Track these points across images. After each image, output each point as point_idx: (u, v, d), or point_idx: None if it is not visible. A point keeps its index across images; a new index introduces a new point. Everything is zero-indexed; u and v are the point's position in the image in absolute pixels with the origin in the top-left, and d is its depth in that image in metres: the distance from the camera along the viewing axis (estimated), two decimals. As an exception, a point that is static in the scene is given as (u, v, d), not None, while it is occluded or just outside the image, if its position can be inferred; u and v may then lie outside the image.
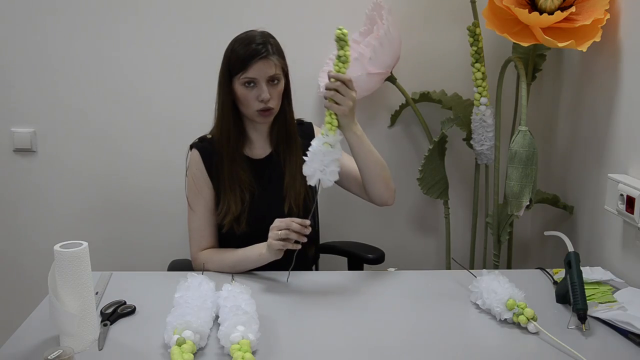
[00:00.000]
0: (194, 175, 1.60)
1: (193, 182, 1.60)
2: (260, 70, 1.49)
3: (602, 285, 1.43)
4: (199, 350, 1.13)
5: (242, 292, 1.28)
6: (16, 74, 2.03)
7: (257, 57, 1.49)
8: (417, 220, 2.21)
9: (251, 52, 1.49)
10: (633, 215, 1.41)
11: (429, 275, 1.59)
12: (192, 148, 1.63)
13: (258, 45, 1.50)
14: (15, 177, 2.11)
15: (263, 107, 1.52)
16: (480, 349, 1.19)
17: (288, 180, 1.59)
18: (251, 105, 1.52)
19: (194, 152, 1.61)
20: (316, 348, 1.19)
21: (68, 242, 1.14)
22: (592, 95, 1.77)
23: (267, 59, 1.50)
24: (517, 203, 1.63)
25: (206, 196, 1.60)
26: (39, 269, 2.00)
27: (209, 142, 1.61)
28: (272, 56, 1.51)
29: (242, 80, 1.50)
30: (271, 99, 1.52)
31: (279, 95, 1.55)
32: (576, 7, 1.56)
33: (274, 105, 1.54)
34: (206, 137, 1.63)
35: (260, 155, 1.62)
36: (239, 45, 1.52)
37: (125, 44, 2.02)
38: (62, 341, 1.14)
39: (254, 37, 1.53)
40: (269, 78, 1.51)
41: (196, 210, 1.60)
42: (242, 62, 1.50)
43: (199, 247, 1.60)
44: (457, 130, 2.00)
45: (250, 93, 1.51)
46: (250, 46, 1.50)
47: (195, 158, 1.60)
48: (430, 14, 2.03)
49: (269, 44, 1.52)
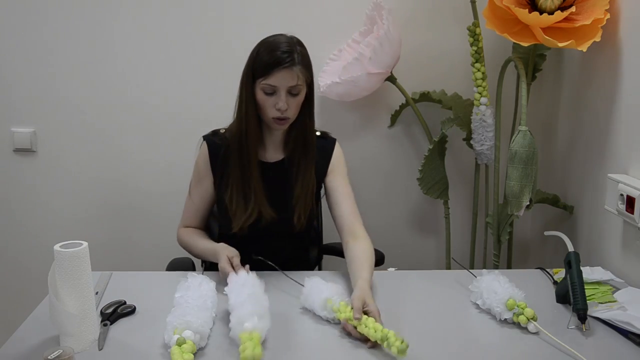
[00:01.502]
0: (199, 165, 1.62)
1: (197, 172, 1.63)
2: (282, 79, 1.45)
3: (602, 285, 1.43)
4: (199, 350, 1.14)
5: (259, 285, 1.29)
6: (16, 74, 2.03)
7: (280, 65, 1.45)
8: (417, 220, 2.21)
9: (275, 59, 1.45)
10: (633, 215, 1.41)
11: (429, 275, 1.59)
12: (203, 139, 1.63)
13: (284, 53, 1.46)
14: (15, 177, 2.11)
15: (279, 116, 1.49)
16: (480, 349, 1.19)
17: (299, 192, 1.56)
18: (268, 112, 1.50)
19: (204, 144, 1.62)
20: (316, 347, 1.19)
21: (68, 242, 1.14)
22: (592, 95, 1.77)
23: (291, 69, 1.45)
24: (517, 203, 1.63)
25: (204, 187, 1.61)
26: (39, 269, 2.00)
27: (220, 138, 1.61)
28: (295, 66, 1.46)
29: (262, 85, 1.47)
30: (288, 109, 1.48)
31: (298, 105, 1.51)
32: (576, 7, 1.56)
33: (291, 115, 1.51)
34: (219, 132, 1.62)
35: (271, 159, 1.60)
36: (264, 49, 1.49)
37: (126, 44, 2.02)
38: (62, 341, 1.14)
39: (281, 43, 1.48)
40: (289, 88, 1.47)
41: (192, 196, 1.64)
42: (265, 68, 1.46)
43: (183, 224, 1.67)
44: (457, 130, 2.00)
45: (268, 100, 1.48)
46: (276, 53, 1.46)
47: (203, 150, 1.61)
48: (430, 14, 2.03)
49: (295, 53, 1.47)
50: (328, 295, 1.26)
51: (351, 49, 1.98)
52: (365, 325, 1.15)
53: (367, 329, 1.15)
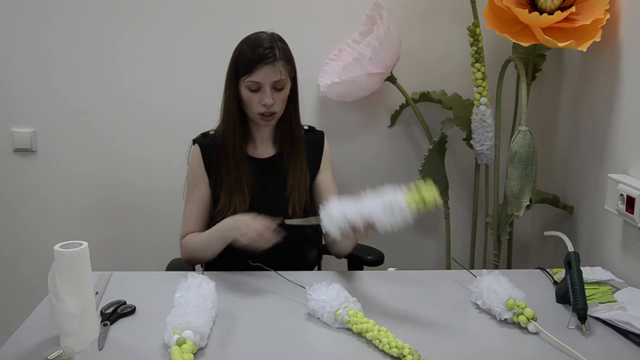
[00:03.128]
0: (192, 169, 1.62)
1: (191, 176, 1.62)
2: (265, 75, 1.49)
3: (602, 285, 1.43)
4: (199, 350, 1.13)
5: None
6: (16, 74, 2.03)
7: (262, 61, 1.48)
8: (417, 220, 2.19)
9: (258, 56, 1.49)
10: (633, 215, 1.41)
11: (429, 275, 1.59)
12: (194, 143, 1.64)
13: (265, 49, 1.49)
14: (15, 177, 2.11)
15: (265, 111, 1.52)
16: (480, 349, 1.19)
17: (292, 184, 1.59)
18: (254, 108, 1.53)
19: (195, 147, 1.62)
20: (317, 347, 1.19)
21: (68, 242, 1.14)
22: (592, 95, 1.77)
23: (273, 64, 1.49)
24: (517, 203, 1.63)
25: (201, 190, 1.61)
26: (39, 269, 2.00)
27: (210, 138, 1.63)
28: (278, 62, 1.50)
29: (247, 83, 1.51)
30: (274, 104, 1.52)
31: (283, 100, 1.55)
32: (576, 7, 1.56)
33: (277, 109, 1.54)
34: (209, 133, 1.64)
35: (263, 156, 1.63)
36: (246, 46, 1.53)
37: (125, 44, 2.02)
38: (62, 341, 1.14)
39: (263, 40, 1.52)
40: (273, 83, 1.50)
41: (189, 202, 1.62)
42: (248, 65, 1.50)
43: (183, 235, 1.62)
44: (457, 130, 2.00)
45: (253, 96, 1.51)
46: (258, 50, 1.50)
47: (195, 152, 1.62)
48: (430, 14, 2.03)
49: (277, 49, 1.51)
50: (335, 307, 1.23)
51: (351, 49, 1.98)
52: (379, 340, 1.15)
53: (381, 344, 1.14)
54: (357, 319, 1.20)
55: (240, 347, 1.17)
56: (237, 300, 1.37)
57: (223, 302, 1.32)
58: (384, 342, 1.13)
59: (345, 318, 1.22)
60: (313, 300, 1.28)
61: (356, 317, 1.20)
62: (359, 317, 1.20)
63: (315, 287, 1.30)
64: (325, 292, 1.27)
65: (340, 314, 1.22)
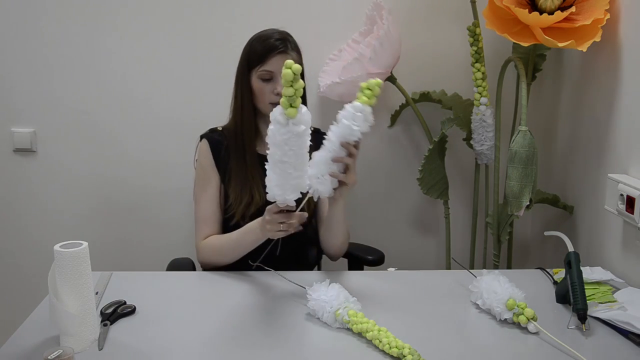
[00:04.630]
0: (202, 165, 1.62)
1: (202, 172, 1.62)
2: (278, 64, 1.51)
3: (602, 285, 1.43)
4: (200, 350, 1.13)
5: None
6: (16, 74, 2.03)
7: (275, 50, 1.54)
8: (417, 220, 2.21)
9: (270, 46, 1.55)
10: (633, 215, 1.41)
11: (429, 275, 1.59)
12: (202, 138, 1.64)
13: (277, 40, 1.56)
14: (15, 177, 2.11)
15: (277, 101, 1.51)
16: (480, 349, 1.19)
17: None
18: (266, 98, 1.55)
19: (203, 142, 1.63)
20: (317, 347, 1.19)
21: (68, 242, 1.14)
22: (592, 95, 1.77)
23: (286, 53, 1.54)
24: (517, 203, 1.63)
25: (213, 186, 1.61)
26: (39, 269, 2.00)
27: (218, 134, 1.63)
28: (290, 52, 1.56)
29: (260, 73, 1.54)
30: None
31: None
32: (576, 7, 1.56)
33: None
34: (217, 129, 1.65)
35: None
36: (257, 41, 1.58)
37: (126, 44, 2.02)
38: (62, 341, 1.14)
39: (273, 33, 1.58)
40: None
41: (202, 200, 1.61)
42: (260, 55, 1.55)
43: (202, 237, 1.59)
44: (457, 130, 2.00)
45: (266, 86, 1.55)
46: (269, 41, 1.55)
47: (204, 148, 1.62)
48: (430, 14, 2.03)
49: (288, 41, 1.57)
50: (335, 307, 1.24)
51: (351, 49, 1.98)
52: (379, 340, 1.15)
53: (381, 344, 1.14)
54: (357, 319, 1.20)
55: (240, 346, 1.17)
56: (237, 300, 1.37)
57: (223, 302, 1.32)
58: (384, 342, 1.13)
59: (345, 318, 1.22)
60: (313, 300, 1.28)
61: (356, 317, 1.21)
62: (359, 317, 1.20)
63: (315, 287, 1.31)
64: (325, 292, 1.27)
65: (340, 314, 1.22)
